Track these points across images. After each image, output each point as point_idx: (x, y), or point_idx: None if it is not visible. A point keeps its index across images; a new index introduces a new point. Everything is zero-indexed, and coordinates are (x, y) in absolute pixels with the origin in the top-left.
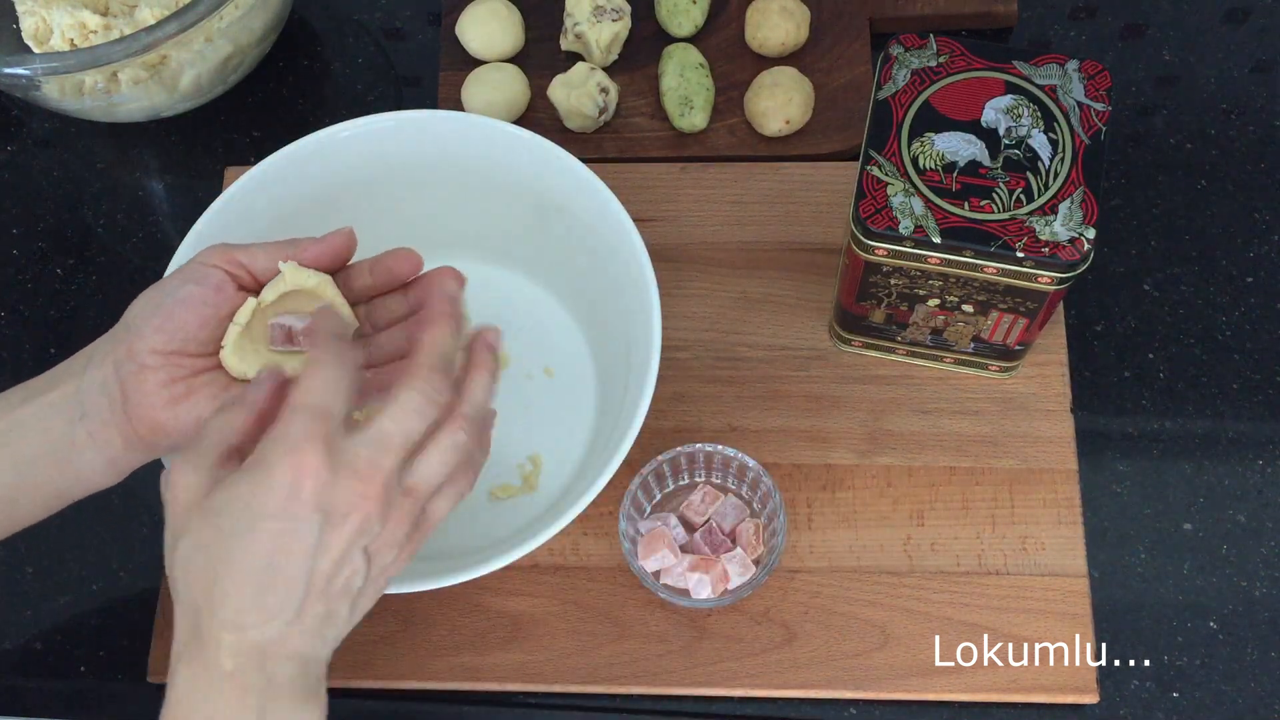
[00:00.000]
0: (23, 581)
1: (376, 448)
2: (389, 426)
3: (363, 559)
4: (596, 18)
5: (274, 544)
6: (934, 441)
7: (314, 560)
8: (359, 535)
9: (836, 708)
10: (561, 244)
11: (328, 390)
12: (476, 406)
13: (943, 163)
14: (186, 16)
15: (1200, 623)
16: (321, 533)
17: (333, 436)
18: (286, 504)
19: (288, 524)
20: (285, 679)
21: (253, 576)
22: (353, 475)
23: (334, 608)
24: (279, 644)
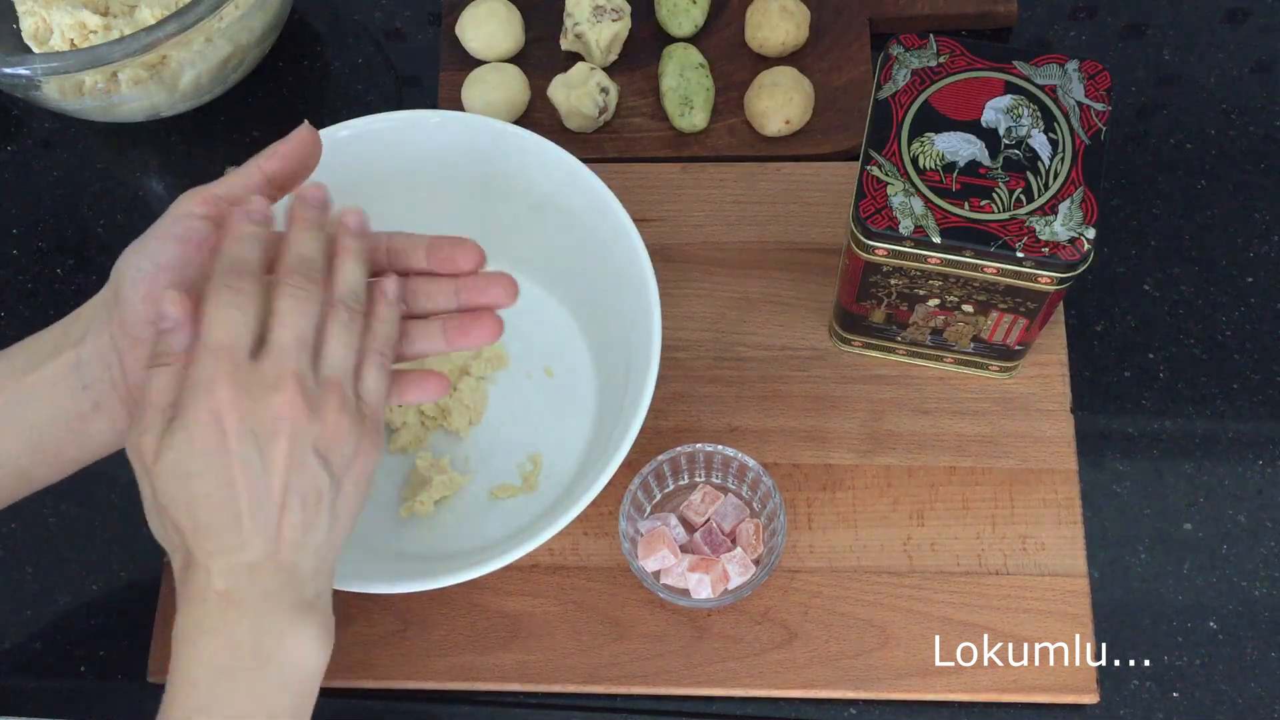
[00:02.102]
0: (23, 581)
1: (275, 358)
2: (277, 334)
3: (317, 460)
4: (596, 18)
5: (223, 477)
6: (934, 441)
7: (266, 479)
8: (297, 440)
9: (836, 708)
10: (561, 244)
11: (227, 327)
12: (349, 286)
13: (943, 163)
14: (186, 16)
15: (1200, 623)
16: (261, 453)
17: (238, 368)
18: (218, 441)
19: (226, 457)
20: (277, 591)
21: (220, 510)
22: (265, 390)
23: (309, 516)
24: (266, 560)
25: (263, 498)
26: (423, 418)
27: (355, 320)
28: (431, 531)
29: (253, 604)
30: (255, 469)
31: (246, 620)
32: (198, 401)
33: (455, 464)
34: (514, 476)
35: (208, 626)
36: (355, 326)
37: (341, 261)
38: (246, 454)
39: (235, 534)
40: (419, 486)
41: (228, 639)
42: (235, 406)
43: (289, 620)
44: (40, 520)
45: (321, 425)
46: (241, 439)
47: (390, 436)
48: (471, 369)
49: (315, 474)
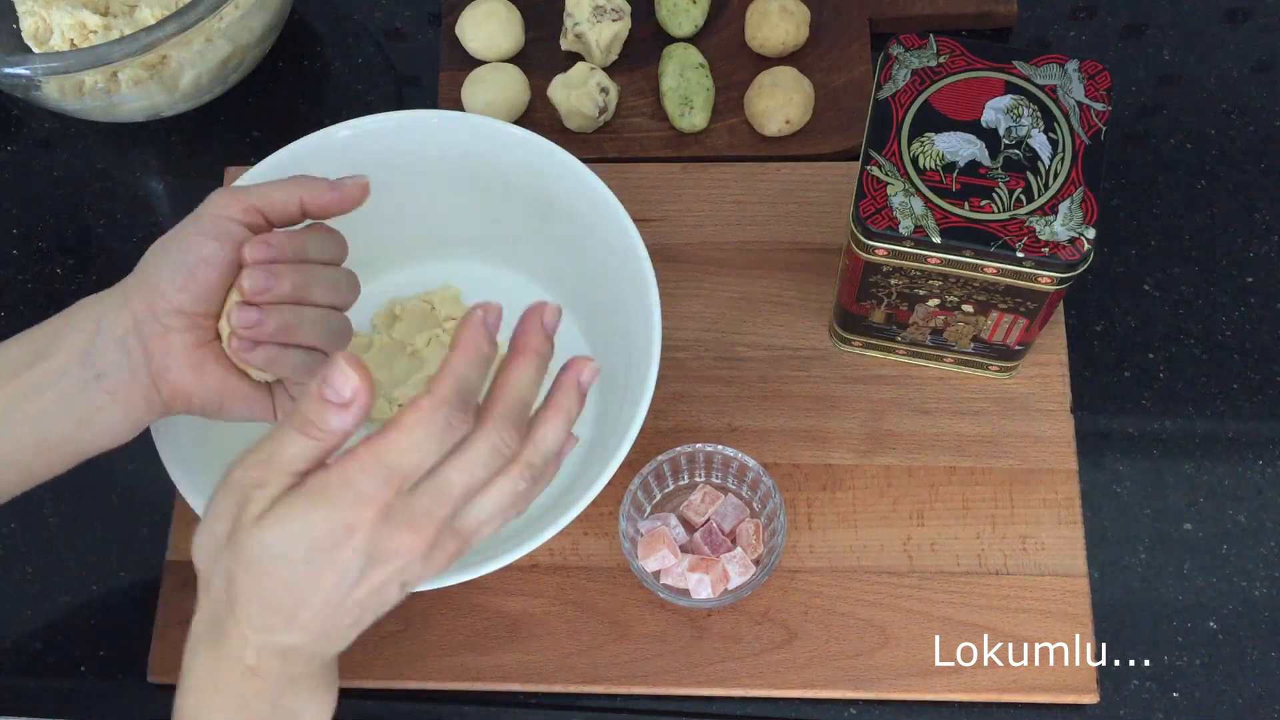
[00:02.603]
0: (23, 581)
1: (436, 499)
2: (454, 477)
3: (398, 589)
4: (596, 18)
5: (315, 575)
6: (934, 441)
7: (351, 591)
8: (400, 573)
9: (836, 708)
10: (561, 244)
11: (415, 457)
12: (543, 454)
13: (943, 163)
14: (186, 16)
15: (1200, 623)
16: (363, 571)
17: (399, 498)
18: (336, 545)
19: (332, 561)
20: (305, 675)
21: (289, 600)
22: (408, 527)
23: (362, 619)
24: (303, 649)
25: (334, 603)
26: None
27: (533, 490)
28: None
29: (277, 682)
30: (350, 580)
31: (267, 695)
32: (341, 504)
33: None
34: None
35: (227, 690)
36: (528, 497)
37: (551, 422)
38: (352, 567)
39: (288, 622)
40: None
41: (245, 707)
42: (373, 531)
43: (308, 696)
44: (40, 520)
45: (426, 568)
46: (356, 556)
47: None
48: None
49: (393, 598)
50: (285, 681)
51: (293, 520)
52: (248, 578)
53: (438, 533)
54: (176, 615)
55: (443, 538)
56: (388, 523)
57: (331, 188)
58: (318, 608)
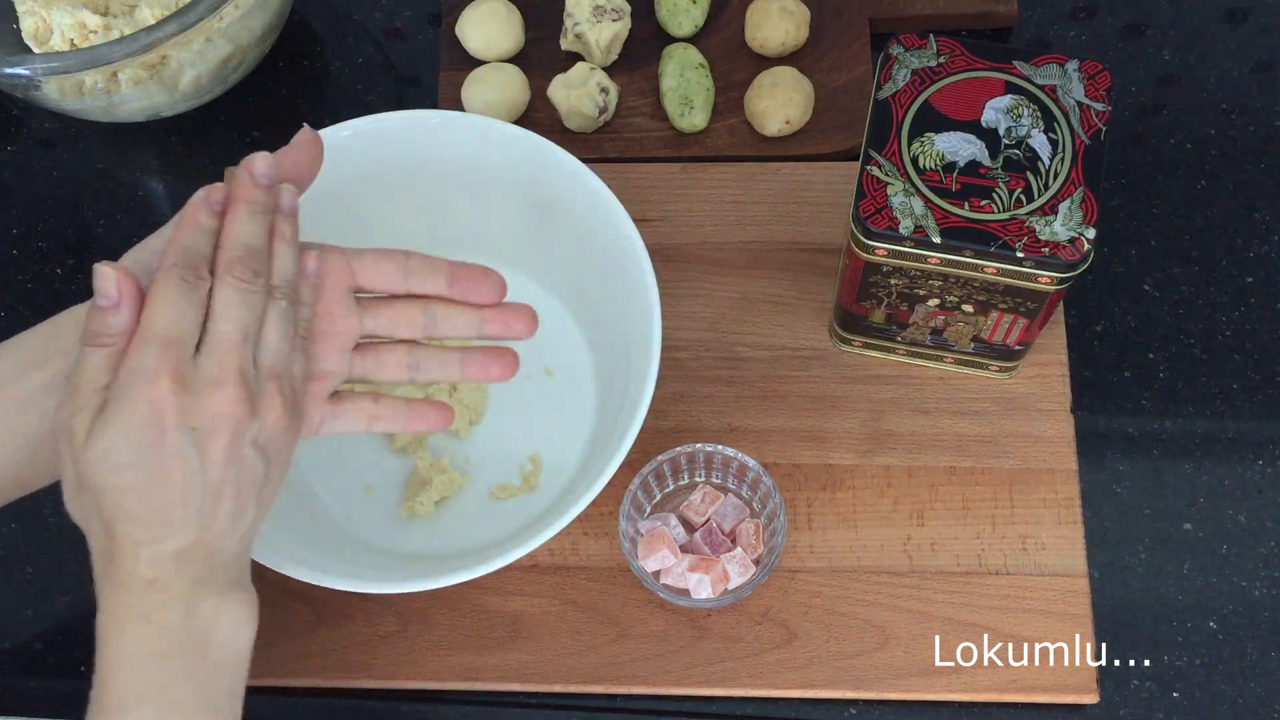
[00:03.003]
0: (23, 581)
1: (217, 350)
2: (221, 328)
3: (255, 452)
4: (596, 18)
5: (157, 471)
6: (934, 441)
7: (203, 474)
8: (237, 436)
9: (836, 708)
10: (561, 244)
11: (171, 319)
12: (286, 275)
13: (943, 163)
14: (186, 16)
15: (1200, 623)
16: (199, 449)
17: (182, 362)
18: (156, 437)
19: (161, 451)
20: (206, 575)
21: (150, 501)
22: (207, 386)
23: (240, 506)
24: (194, 547)
25: (196, 491)
26: None
27: (293, 309)
28: (432, 531)
29: (181, 590)
30: (192, 464)
31: (175, 605)
32: (137, 393)
33: (455, 464)
34: (514, 476)
35: (137, 613)
36: (292, 315)
37: (279, 249)
38: (184, 449)
39: (164, 525)
40: (419, 487)
41: (158, 625)
42: (176, 402)
43: (218, 602)
44: (40, 520)
45: (264, 422)
46: (180, 434)
47: (391, 437)
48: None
49: (253, 466)
50: (190, 588)
51: (108, 428)
52: (105, 500)
53: (241, 380)
54: None
55: (255, 385)
56: (189, 390)
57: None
58: (183, 500)
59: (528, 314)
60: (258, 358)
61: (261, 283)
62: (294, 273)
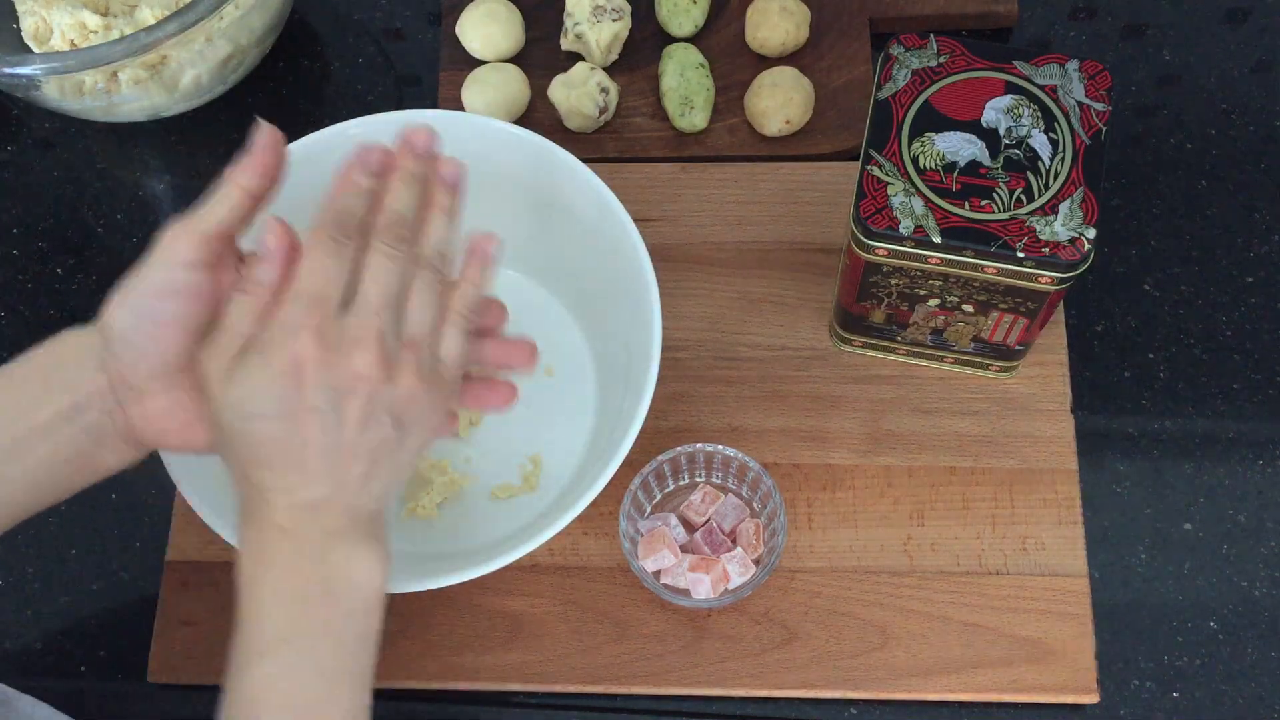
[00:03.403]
0: (23, 581)
1: (362, 315)
2: (367, 291)
3: (389, 419)
4: (596, 18)
5: (293, 425)
6: (934, 441)
7: (338, 433)
8: (373, 399)
9: (836, 708)
10: (561, 244)
11: (321, 277)
12: (437, 246)
13: (943, 163)
14: (186, 16)
15: (1200, 623)
16: (336, 408)
17: (326, 320)
18: (294, 390)
19: (300, 406)
20: (340, 527)
21: (286, 454)
22: (349, 346)
23: (373, 468)
24: (328, 502)
25: (331, 449)
26: None
27: (438, 280)
28: (432, 531)
29: (315, 539)
30: (329, 421)
31: (309, 552)
32: (281, 346)
33: (456, 464)
34: (514, 476)
35: (271, 557)
36: (439, 287)
37: (432, 219)
38: (321, 406)
39: (299, 475)
40: (420, 488)
41: (294, 569)
42: (318, 359)
43: (351, 550)
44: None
45: (396, 388)
46: (318, 391)
47: None
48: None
49: (385, 431)
50: (322, 537)
51: (249, 376)
52: (241, 446)
53: (381, 345)
54: (176, 615)
55: (394, 352)
56: (330, 348)
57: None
58: (318, 455)
59: (527, 349)
60: (400, 326)
61: (409, 250)
62: (446, 244)
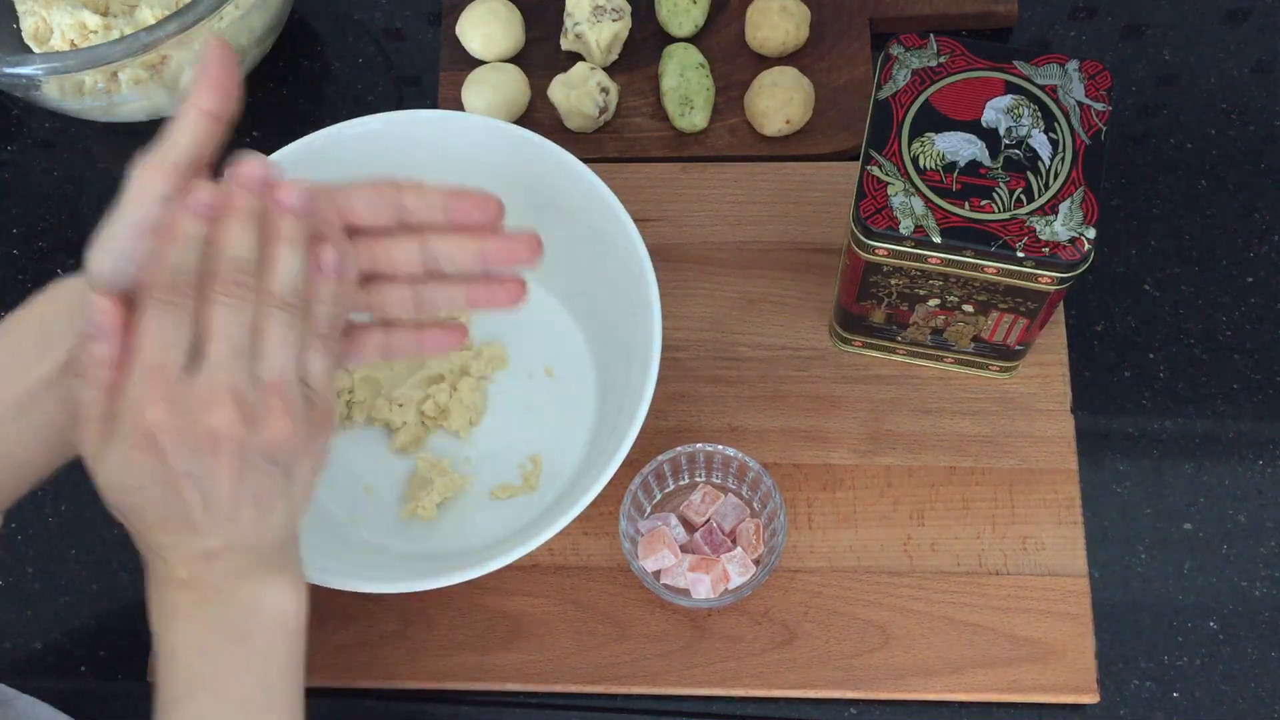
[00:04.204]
0: (23, 581)
1: (209, 374)
2: (210, 348)
3: (265, 463)
4: (596, 18)
5: (167, 490)
6: (934, 441)
7: (214, 489)
8: (240, 453)
9: (836, 708)
10: (562, 244)
11: (156, 344)
12: (286, 282)
13: (943, 163)
14: (186, 16)
15: (1200, 623)
16: (205, 469)
17: (171, 386)
18: (158, 461)
19: (167, 472)
20: (242, 567)
21: (172, 517)
22: (200, 409)
23: (263, 509)
24: (225, 548)
25: (212, 504)
26: (423, 418)
27: (294, 315)
28: (432, 531)
29: (217, 583)
30: (201, 482)
31: (216, 601)
32: (132, 421)
33: (455, 464)
34: (514, 476)
35: (181, 611)
36: (295, 321)
37: (278, 252)
38: (189, 469)
39: (190, 532)
40: (420, 488)
41: (203, 619)
42: (170, 427)
43: (258, 588)
44: (40, 520)
45: (264, 434)
46: (180, 456)
47: (391, 437)
48: (471, 369)
49: (265, 475)
50: (225, 580)
51: (112, 454)
52: (129, 516)
53: (236, 399)
54: None
55: (254, 401)
56: (182, 413)
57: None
58: (201, 512)
59: (531, 241)
60: (255, 371)
61: (250, 294)
62: (296, 279)
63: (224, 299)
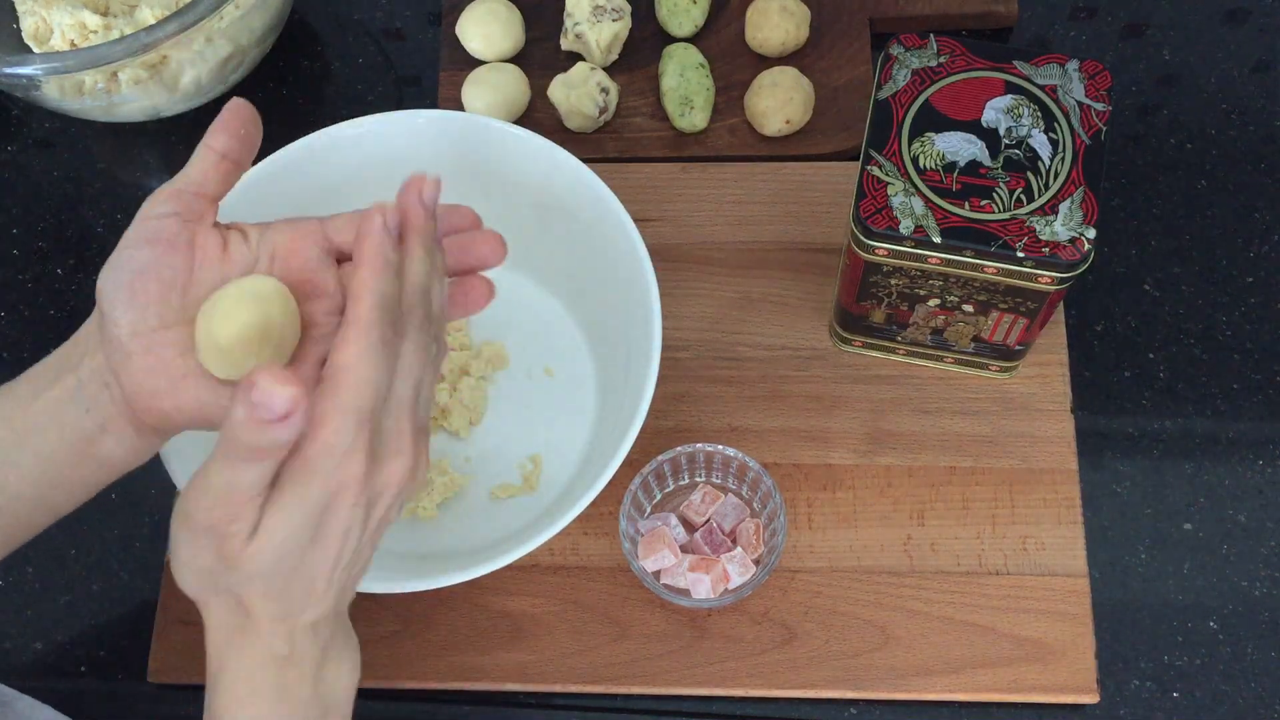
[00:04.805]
0: (23, 581)
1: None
2: (402, 390)
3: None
4: (596, 18)
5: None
6: (934, 441)
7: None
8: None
9: (836, 708)
10: (562, 244)
11: (371, 390)
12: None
13: (943, 163)
14: (186, 16)
15: (1200, 623)
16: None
17: (374, 434)
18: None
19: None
20: (332, 636)
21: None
22: (389, 456)
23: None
24: (328, 612)
25: (350, 562)
26: None
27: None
28: (432, 531)
29: (313, 659)
30: (353, 536)
31: (309, 678)
32: (328, 473)
33: (455, 464)
34: (514, 476)
35: (270, 690)
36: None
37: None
38: (352, 523)
39: (308, 600)
40: (420, 488)
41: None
42: (363, 477)
43: (338, 665)
44: None
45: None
46: (354, 509)
47: None
48: (471, 369)
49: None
50: (320, 654)
51: (286, 521)
52: (259, 586)
53: (414, 445)
54: (176, 615)
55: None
56: (375, 460)
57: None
58: (330, 571)
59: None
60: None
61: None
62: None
63: (418, 335)
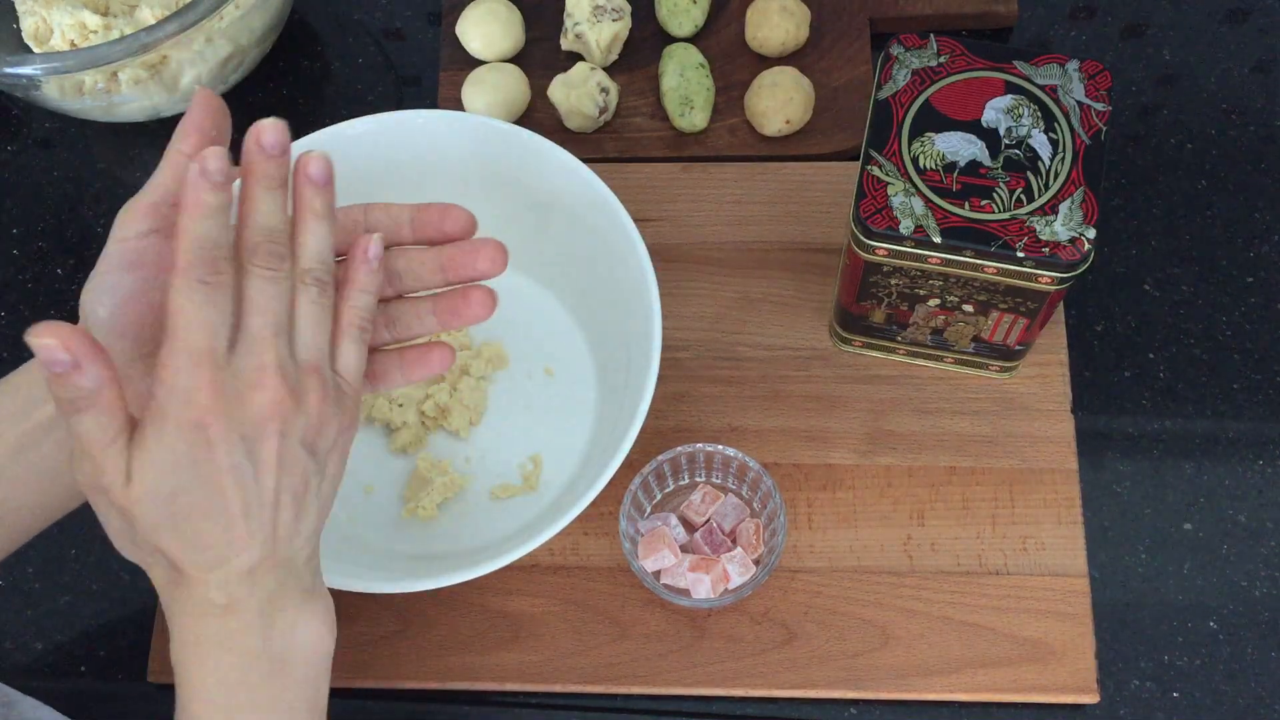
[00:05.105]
0: (23, 581)
1: (255, 352)
2: (252, 323)
3: (304, 452)
4: (596, 18)
5: (214, 487)
6: (934, 441)
7: (258, 482)
8: (285, 436)
9: (836, 708)
10: (561, 244)
11: (200, 330)
12: (317, 255)
13: (943, 163)
14: (186, 16)
15: (1200, 623)
16: (251, 457)
17: (219, 370)
18: (205, 454)
19: (214, 467)
20: (280, 589)
21: (212, 522)
22: (248, 390)
23: (300, 508)
24: (264, 560)
25: (255, 501)
26: (423, 418)
27: (326, 294)
28: (432, 531)
29: (256, 609)
30: (246, 473)
31: (254, 627)
32: (178, 413)
33: (456, 464)
34: (514, 476)
35: (214, 641)
36: (327, 300)
37: (306, 225)
38: (236, 459)
39: (229, 545)
40: (420, 488)
41: (238, 650)
42: (221, 412)
43: (295, 615)
44: None
45: (306, 416)
46: (230, 445)
47: (390, 437)
48: (471, 369)
49: (304, 466)
50: (265, 604)
51: (151, 459)
52: (164, 534)
53: (281, 376)
54: None
55: (295, 380)
56: (229, 397)
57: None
58: (243, 515)
59: (493, 247)
60: (296, 353)
61: (287, 266)
62: (328, 253)
63: (264, 271)
